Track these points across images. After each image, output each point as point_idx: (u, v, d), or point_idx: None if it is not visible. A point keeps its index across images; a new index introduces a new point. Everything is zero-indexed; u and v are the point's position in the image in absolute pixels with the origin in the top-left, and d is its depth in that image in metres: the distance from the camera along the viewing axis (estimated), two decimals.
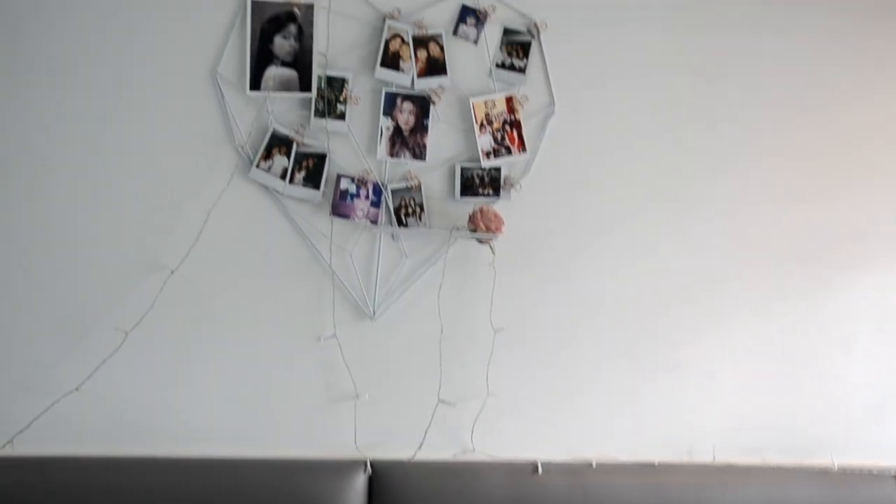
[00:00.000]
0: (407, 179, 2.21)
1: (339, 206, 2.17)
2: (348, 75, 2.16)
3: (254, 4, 2.12)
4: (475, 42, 2.22)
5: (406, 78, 2.19)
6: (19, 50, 2.10)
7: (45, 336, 2.12)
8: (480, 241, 2.18)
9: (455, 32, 2.21)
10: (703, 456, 2.34)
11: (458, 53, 2.22)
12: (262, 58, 2.13)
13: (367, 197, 2.18)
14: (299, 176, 2.15)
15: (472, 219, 2.16)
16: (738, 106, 2.36)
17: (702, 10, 2.33)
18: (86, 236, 2.13)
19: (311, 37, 2.14)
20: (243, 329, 2.18)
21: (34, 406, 2.09)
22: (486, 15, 2.22)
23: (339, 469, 2.16)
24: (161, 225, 2.13)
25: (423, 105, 2.20)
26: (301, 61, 2.14)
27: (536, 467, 2.22)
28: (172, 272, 2.12)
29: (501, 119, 2.23)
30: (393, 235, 2.21)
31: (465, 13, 2.22)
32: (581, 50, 2.29)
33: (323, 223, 2.18)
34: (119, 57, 2.12)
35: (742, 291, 2.37)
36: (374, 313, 2.21)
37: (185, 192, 2.14)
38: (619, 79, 2.31)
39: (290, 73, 2.14)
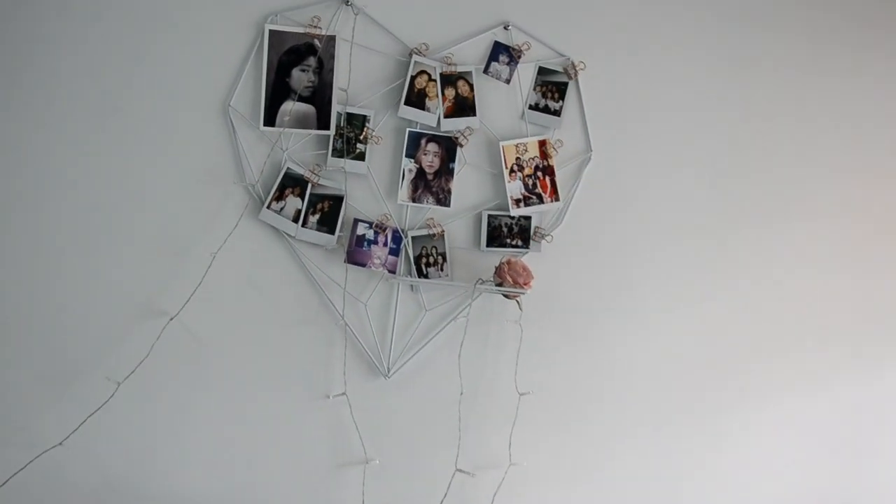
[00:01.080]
0: (429, 226, 2.12)
1: (355, 253, 2.07)
2: (370, 113, 2.08)
3: (272, 35, 2.04)
4: (507, 81, 2.15)
5: (432, 117, 2.11)
6: (17, 75, 2.00)
7: (28, 384, 2.00)
8: (507, 295, 2.08)
9: (486, 70, 2.14)
10: None
11: (488, 93, 2.15)
12: (278, 92, 2.05)
13: (385, 244, 2.09)
14: (313, 219, 2.07)
15: (498, 271, 2.06)
16: (791, 161, 2.30)
17: (753, 57, 2.29)
18: (77, 276, 2.01)
19: (331, 71, 2.06)
20: (245, 383, 2.08)
21: (13, 460, 1.96)
22: (520, 53, 2.14)
23: None
24: (162, 267, 2.03)
25: (449, 147, 2.12)
26: (320, 96, 2.06)
27: None
28: (172, 319, 2.01)
29: (533, 164, 2.14)
30: (412, 286, 2.12)
31: (498, 50, 2.14)
32: (621, 93, 2.22)
33: (337, 271, 2.09)
34: (124, 86, 2.03)
35: (790, 363, 2.30)
36: (388, 371, 2.12)
37: (190, 232, 2.04)
38: (662, 125, 2.24)
39: (308, 109, 2.06)
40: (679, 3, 2.24)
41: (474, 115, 2.12)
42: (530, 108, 2.16)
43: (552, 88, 2.16)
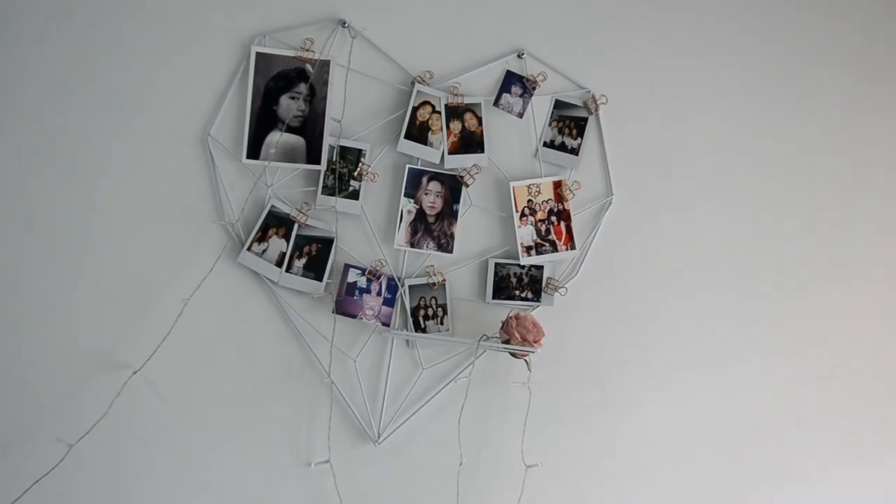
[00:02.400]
0: (429, 275, 2.01)
1: (345, 303, 1.96)
2: (365, 147, 1.97)
3: (258, 58, 1.91)
4: (520, 115, 2.04)
5: (435, 153, 2.00)
6: None
7: None
8: (514, 354, 1.97)
9: (496, 103, 2.03)
10: None
11: (498, 127, 2.04)
12: (263, 121, 1.93)
13: (379, 293, 1.98)
14: (299, 263, 1.95)
15: (505, 327, 1.96)
16: (837, 213, 2.23)
17: (797, 98, 2.20)
18: (27, 322, 1.86)
19: (323, 99, 1.94)
20: (217, 447, 1.94)
21: None
22: (534, 84, 2.04)
23: None
24: (125, 314, 1.89)
25: (453, 186, 2.01)
26: (310, 127, 1.94)
27: None
28: (135, 373, 1.86)
29: (547, 208, 2.05)
30: (408, 342, 2.01)
31: (510, 81, 2.03)
32: (647, 131, 2.12)
33: (323, 322, 1.96)
34: (90, 110, 1.88)
35: (836, 435, 2.21)
36: (378, 436, 2.00)
37: (159, 275, 1.90)
38: (692, 169, 2.16)
39: (297, 141, 1.94)
40: (714, 36, 2.16)
41: (482, 151, 2.02)
42: (545, 145, 2.06)
43: (570, 124, 2.06)
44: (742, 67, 2.16)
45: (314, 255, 1.94)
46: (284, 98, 1.92)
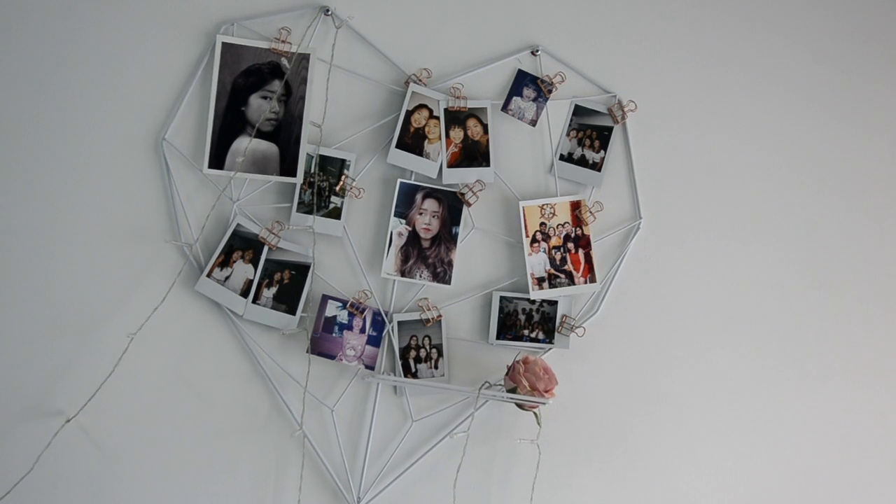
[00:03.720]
0: (422, 309, 1.87)
1: (322, 341, 1.83)
2: (350, 157, 1.83)
3: (225, 49, 1.77)
4: (533, 123, 1.91)
5: (432, 166, 1.87)
6: None
7: None
8: (521, 405, 1.84)
9: (505, 107, 1.90)
10: None
11: (507, 137, 1.91)
12: (230, 124, 1.80)
13: (362, 330, 1.85)
14: (268, 293, 1.81)
15: (511, 373, 1.82)
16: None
17: (870, 103, 2.02)
18: None
19: (301, 100, 1.81)
20: None
21: None
22: (550, 86, 1.90)
23: None
24: (59, 350, 1.74)
25: (452, 205, 1.89)
26: (285, 133, 1.81)
27: None
28: (68, 421, 1.70)
29: (563, 233, 1.92)
30: (396, 388, 1.87)
31: (522, 82, 1.89)
32: (683, 143, 1.98)
33: (296, 364, 1.82)
34: (23, 108, 1.75)
35: None
36: (358, 501, 1.84)
37: (101, 305, 1.75)
38: (737, 188, 2.01)
39: (269, 149, 1.81)
40: (764, 33, 2.00)
41: (487, 165, 1.88)
42: (561, 158, 1.92)
43: (591, 134, 1.93)
44: (799, 70, 2.00)
45: (286, 283, 1.80)
46: (255, 97, 1.81)
